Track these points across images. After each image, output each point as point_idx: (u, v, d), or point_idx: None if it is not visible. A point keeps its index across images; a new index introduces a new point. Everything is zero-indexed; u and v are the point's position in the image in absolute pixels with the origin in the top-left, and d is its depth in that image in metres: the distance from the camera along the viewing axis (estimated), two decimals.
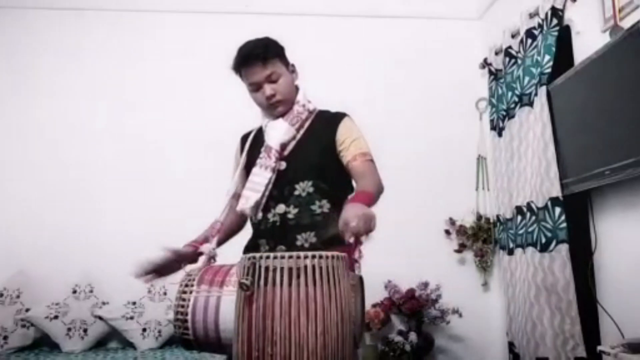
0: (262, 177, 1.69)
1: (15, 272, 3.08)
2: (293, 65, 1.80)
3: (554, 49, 2.57)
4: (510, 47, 3.05)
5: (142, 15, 3.48)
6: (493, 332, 3.32)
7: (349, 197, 1.68)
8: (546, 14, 2.65)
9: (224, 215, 1.75)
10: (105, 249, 3.14)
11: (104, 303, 3.08)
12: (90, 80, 3.40)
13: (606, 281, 2.41)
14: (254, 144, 1.83)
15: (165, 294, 3.10)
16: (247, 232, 1.83)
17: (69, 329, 2.95)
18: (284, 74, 1.73)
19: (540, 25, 2.72)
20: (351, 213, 1.33)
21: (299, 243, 1.65)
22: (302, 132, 1.76)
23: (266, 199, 1.70)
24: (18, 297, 3.02)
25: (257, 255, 1.28)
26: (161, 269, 1.62)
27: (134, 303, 3.05)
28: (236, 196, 1.76)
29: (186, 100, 3.42)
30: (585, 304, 2.43)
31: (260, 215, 1.71)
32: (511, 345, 3.02)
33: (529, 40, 2.82)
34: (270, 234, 1.69)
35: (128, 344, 3.03)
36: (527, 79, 2.79)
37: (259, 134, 1.83)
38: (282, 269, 1.24)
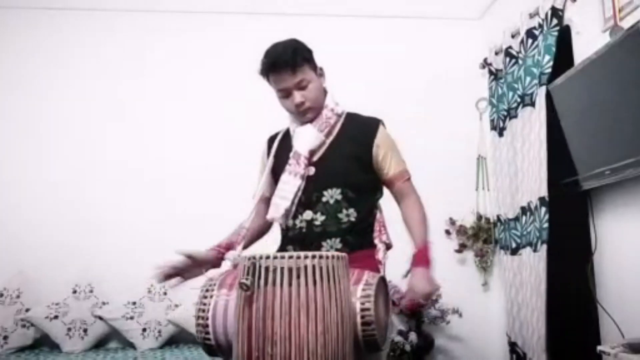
0: (291, 184, 1.67)
1: (15, 272, 3.08)
2: (321, 69, 1.75)
3: (554, 49, 2.57)
4: (510, 47, 3.04)
5: (157, 15, 3.47)
6: (493, 332, 3.32)
7: (413, 254, 1.76)
8: (546, 14, 2.65)
9: (250, 220, 1.74)
10: (105, 249, 3.14)
11: (104, 303, 3.08)
12: (102, 80, 3.40)
13: (606, 281, 2.41)
14: (281, 147, 1.79)
15: (165, 294, 3.10)
16: (276, 238, 1.78)
17: (69, 329, 2.95)
18: (313, 80, 1.68)
19: (540, 25, 2.72)
20: (421, 286, 1.60)
21: (324, 249, 1.63)
22: (331, 137, 1.72)
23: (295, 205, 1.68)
24: (18, 297, 3.02)
25: (257, 255, 1.28)
26: (183, 273, 1.61)
27: (134, 303, 3.05)
28: (263, 199, 1.75)
29: (191, 101, 3.42)
30: (585, 304, 2.44)
31: (289, 222, 1.69)
32: (514, 345, 3.01)
33: (530, 40, 2.82)
34: (297, 240, 1.67)
35: (128, 344, 3.02)
36: (528, 79, 2.79)
37: (286, 137, 1.79)
38: (282, 269, 1.24)
